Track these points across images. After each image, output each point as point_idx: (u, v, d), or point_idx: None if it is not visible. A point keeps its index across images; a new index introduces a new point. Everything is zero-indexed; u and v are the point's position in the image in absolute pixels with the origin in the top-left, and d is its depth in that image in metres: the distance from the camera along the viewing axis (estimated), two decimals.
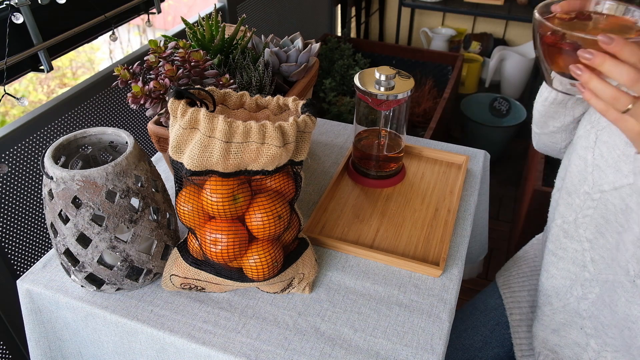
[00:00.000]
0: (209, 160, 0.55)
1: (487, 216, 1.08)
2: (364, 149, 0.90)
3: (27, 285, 0.71)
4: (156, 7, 1.26)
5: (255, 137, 0.54)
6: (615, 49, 0.46)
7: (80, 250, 0.63)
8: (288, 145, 0.56)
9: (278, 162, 0.57)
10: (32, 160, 0.97)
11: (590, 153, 0.67)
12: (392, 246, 0.78)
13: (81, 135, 0.66)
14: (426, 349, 0.63)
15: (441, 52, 2.24)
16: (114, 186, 0.60)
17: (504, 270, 1.00)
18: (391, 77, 0.79)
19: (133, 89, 0.69)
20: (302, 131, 0.58)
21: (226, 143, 0.54)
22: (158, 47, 0.73)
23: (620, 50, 0.46)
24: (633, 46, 0.45)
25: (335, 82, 2.09)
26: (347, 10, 2.53)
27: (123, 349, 0.70)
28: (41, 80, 2.50)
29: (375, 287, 0.71)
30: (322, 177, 0.93)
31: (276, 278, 0.65)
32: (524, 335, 0.87)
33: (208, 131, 0.54)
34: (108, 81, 1.12)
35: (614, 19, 0.55)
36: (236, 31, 0.84)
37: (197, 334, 0.65)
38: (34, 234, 1.01)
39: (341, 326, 0.66)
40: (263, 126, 0.54)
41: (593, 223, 0.68)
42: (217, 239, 0.60)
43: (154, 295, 0.70)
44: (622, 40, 0.45)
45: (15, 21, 0.89)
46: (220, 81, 0.73)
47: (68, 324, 0.73)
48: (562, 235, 0.75)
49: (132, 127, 1.24)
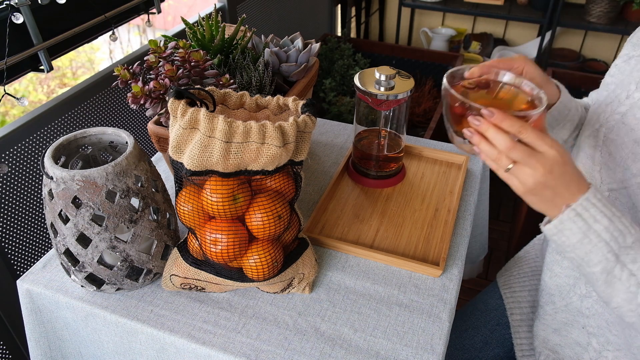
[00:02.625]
0: (209, 160, 0.55)
1: (487, 216, 1.08)
2: (364, 149, 0.90)
3: (27, 285, 0.71)
4: (156, 7, 1.26)
5: (255, 137, 0.54)
6: (496, 121, 0.54)
7: (80, 250, 0.62)
8: (288, 145, 0.56)
9: (278, 162, 0.57)
10: (32, 160, 0.97)
11: (598, 152, 0.68)
12: (392, 246, 0.78)
13: (81, 135, 0.66)
14: (426, 349, 0.63)
15: (441, 52, 2.24)
16: (114, 186, 0.60)
17: (505, 270, 1.00)
18: (391, 77, 0.79)
19: (133, 89, 0.69)
20: (302, 131, 0.58)
21: (226, 143, 0.54)
22: (158, 47, 0.73)
23: (500, 123, 0.53)
24: (512, 119, 0.53)
25: (335, 82, 2.09)
26: (347, 10, 2.53)
27: (123, 349, 0.70)
28: (41, 80, 2.50)
29: (375, 287, 0.71)
30: (322, 177, 0.93)
31: (276, 278, 0.65)
32: (524, 335, 0.87)
33: (208, 131, 0.54)
34: (108, 81, 1.12)
35: (512, 90, 0.64)
36: (236, 31, 0.84)
37: (197, 334, 0.65)
38: (34, 234, 1.01)
39: (341, 326, 0.66)
40: (263, 126, 0.54)
41: None
42: (217, 239, 0.60)
43: (154, 295, 0.70)
44: (501, 115, 0.53)
45: (15, 21, 0.89)
46: (220, 81, 0.73)
47: (68, 324, 0.73)
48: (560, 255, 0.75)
49: (132, 127, 1.24)
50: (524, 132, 0.53)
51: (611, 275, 0.55)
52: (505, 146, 0.53)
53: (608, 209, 0.55)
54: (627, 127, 0.64)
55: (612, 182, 0.65)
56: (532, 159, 0.53)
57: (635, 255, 0.54)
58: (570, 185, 0.54)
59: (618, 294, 0.56)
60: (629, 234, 0.54)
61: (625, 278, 0.54)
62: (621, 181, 0.63)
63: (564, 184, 0.54)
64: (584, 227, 0.54)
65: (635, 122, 0.63)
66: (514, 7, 2.31)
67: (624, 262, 0.54)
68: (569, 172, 0.54)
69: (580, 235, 0.55)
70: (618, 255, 0.54)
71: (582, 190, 0.55)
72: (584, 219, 0.54)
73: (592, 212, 0.54)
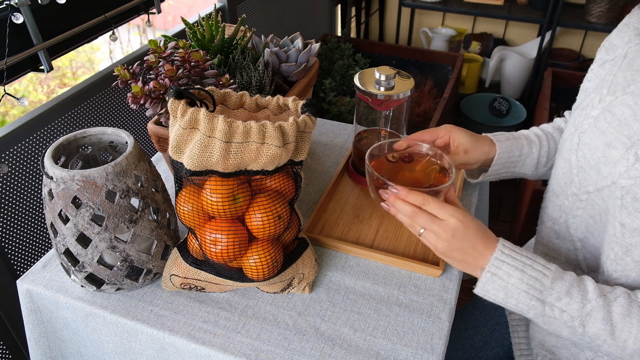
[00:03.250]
0: (209, 160, 0.55)
1: (487, 216, 1.08)
2: (364, 149, 0.90)
3: (27, 285, 0.71)
4: (156, 7, 1.26)
5: (255, 137, 0.54)
6: (401, 196, 0.62)
7: (80, 250, 0.63)
8: (288, 145, 0.56)
9: (278, 162, 0.57)
10: (32, 160, 0.97)
11: (574, 155, 0.69)
12: (392, 246, 0.78)
13: (81, 135, 0.66)
14: (426, 349, 0.63)
15: (441, 52, 2.24)
16: (114, 186, 0.60)
17: None
18: (391, 77, 0.79)
19: (133, 89, 0.69)
20: (302, 131, 0.58)
21: (226, 143, 0.54)
22: (158, 47, 0.73)
23: (405, 197, 0.62)
24: (416, 194, 0.61)
25: (335, 82, 2.09)
26: (347, 10, 2.53)
27: (123, 349, 0.70)
28: (41, 80, 2.50)
29: (375, 287, 0.71)
30: (322, 177, 0.93)
31: (276, 278, 0.65)
32: (522, 335, 0.87)
33: (208, 131, 0.54)
34: (108, 81, 1.12)
35: (430, 161, 0.73)
36: (236, 31, 0.84)
37: (197, 334, 0.65)
38: (34, 234, 1.01)
39: (341, 326, 0.66)
40: (263, 126, 0.54)
41: (583, 223, 0.69)
42: (217, 239, 0.60)
43: (154, 295, 0.70)
44: (405, 191, 0.62)
45: (15, 21, 0.89)
46: (220, 81, 0.73)
47: (68, 324, 0.73)
48: (554, 237, 0.76)
49: (132, 127, 1.24)
50: (427, 204, 0.61)
51: (546, 317, 0.59)
52: (409, 216, 0.62)
53: (518, 261, 0.59)
54: (599, 130, 0.65)
55: (588, 185, 0.66)
56: (434, 225, 0.60)
57: (559, 292, 0.58)
58: (477, 246, 0.60)
59: (561, 331, 0.59)
60: (544, 277, 0.59)
61: (558, 315, 0.58)
62: (595, 184, 0.65)
63: (469, 245, 0.60)
64: (502, 284, 0.59)
65: (606, 126, 0.64)
66: (514, 7, 2.31)
67: (551, 302, 0.58)
68: (472, 235, 0.60)
69: (503, 292, 0.59)
70: (542, 299, 0.58)
71: (490, 249, 0.60)
72: (499, 277, 0.59)
73: (505, 269, 0.59)
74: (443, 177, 0.70)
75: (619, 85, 0.66)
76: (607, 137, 0.64)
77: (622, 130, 0.62)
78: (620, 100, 0.64)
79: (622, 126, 0.62)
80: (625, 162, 0.60)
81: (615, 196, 0.61)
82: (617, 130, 0.63)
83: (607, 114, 0.65)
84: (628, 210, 0.59)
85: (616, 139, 0.62)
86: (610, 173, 0.62)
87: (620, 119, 0.63)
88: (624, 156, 0.60)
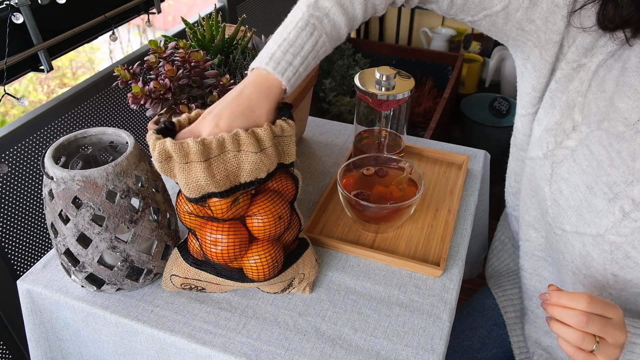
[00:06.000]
0: (199, 184, 0.54)
1: (487, 216, 1.08)
2: (364, 149, 0.90)
3: (27, 286, 0.71)
4: (156, 7, 1.26)
5: (230, 146, 0.54)
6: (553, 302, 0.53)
7: (81, 250, 0.62)
8: (266, 151, 0.56)
9: (267, 168, 0.57)
10: (32, 160, 0.97)
11: (548, 186, 0.65)
12: (392, 246, 0.78)
13: (81, 135, 0.66)
14: (426, 349, 0.63)
15: (441, 52, 2.24)
16: (114, 186, 0.60)
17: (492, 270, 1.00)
18: (391, 77, 0.79)
19: (133, 89, 0.69)
20: (282, 135, 0.58)
21: (205, 162, 0.53)
22: (158, 47, 0.73)
23: (557, 301, 0.53)
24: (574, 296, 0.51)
25: (335, 82, 2.09)
26: None
27: (123, 349, 0.70)
28: (41, 80, 2.50)
29: (376, 287, 0.71)
30: (322, 177, 0.93)
31: (276, 278, 0.65)
32: (520, 333, 0.87)
33: (182, 158, 0.53)
34: (108, 81, 1.12)
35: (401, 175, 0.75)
36: (236, 31, 0.84)
37: (197, 334, 0.65)
38: (34, 234, 1.01)
39: (341, 326, 0.66)
40: (236, 135, 0.54)
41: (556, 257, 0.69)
42: (218, 240, 0.60)
43: (154, 295, 0.70)
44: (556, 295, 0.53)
45: (15, 21, 0.89)
46: (221, 81, 0.73)
47: (68, 324, 0.73)
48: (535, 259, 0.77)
49: (132, 127, 1.24)
50: (593, 303, 0.51)
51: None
52: (580, 324, 0.51)
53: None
54: (579, 167, 0.63)
55: (565, 224, 0.65)
56: (609, 327, 0.51)
57: None
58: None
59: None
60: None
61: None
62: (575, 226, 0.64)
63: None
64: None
65: (586, 164, 0.62)
66: None
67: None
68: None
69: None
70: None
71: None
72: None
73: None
74: (415, 189, 0.72)
75: (592, 113, 0.61)
76: (587, 179, 0.60)
77: (601, 176, 0.59)
78: (596, 136, 0.60)
79: (600, 170, 0.59)
80: (612, 217, 0.57)
81: (603, 249, 0.59)
82: (596, 174, 0.59)
83: (585, 150, 0.61)
84: (620, 265, 0.58)
85: (596, 184, 0.59)
86: (594, 222, 0.59)
87: (598, 159, 0.59)
88: (608, 209, 0.58)
